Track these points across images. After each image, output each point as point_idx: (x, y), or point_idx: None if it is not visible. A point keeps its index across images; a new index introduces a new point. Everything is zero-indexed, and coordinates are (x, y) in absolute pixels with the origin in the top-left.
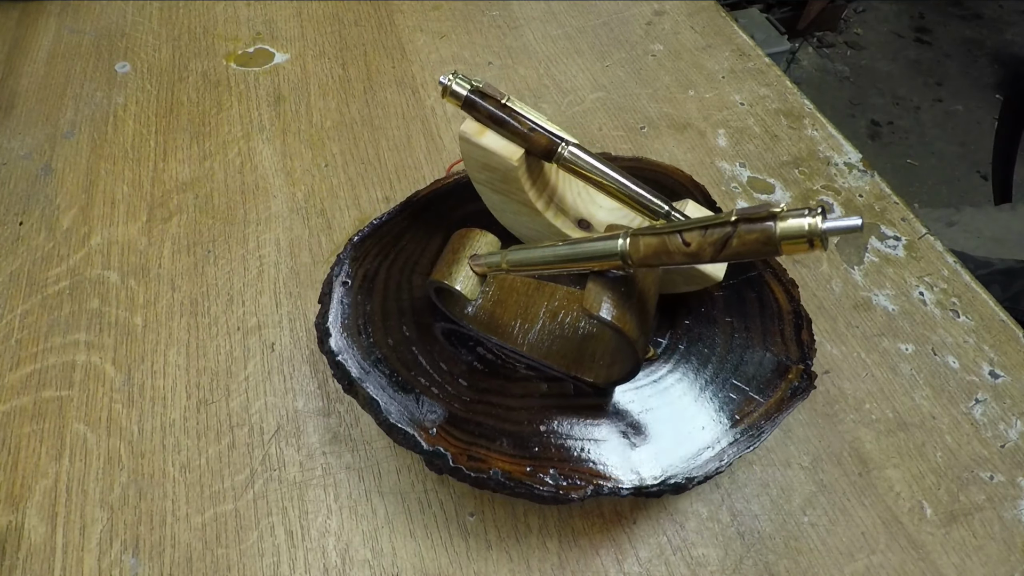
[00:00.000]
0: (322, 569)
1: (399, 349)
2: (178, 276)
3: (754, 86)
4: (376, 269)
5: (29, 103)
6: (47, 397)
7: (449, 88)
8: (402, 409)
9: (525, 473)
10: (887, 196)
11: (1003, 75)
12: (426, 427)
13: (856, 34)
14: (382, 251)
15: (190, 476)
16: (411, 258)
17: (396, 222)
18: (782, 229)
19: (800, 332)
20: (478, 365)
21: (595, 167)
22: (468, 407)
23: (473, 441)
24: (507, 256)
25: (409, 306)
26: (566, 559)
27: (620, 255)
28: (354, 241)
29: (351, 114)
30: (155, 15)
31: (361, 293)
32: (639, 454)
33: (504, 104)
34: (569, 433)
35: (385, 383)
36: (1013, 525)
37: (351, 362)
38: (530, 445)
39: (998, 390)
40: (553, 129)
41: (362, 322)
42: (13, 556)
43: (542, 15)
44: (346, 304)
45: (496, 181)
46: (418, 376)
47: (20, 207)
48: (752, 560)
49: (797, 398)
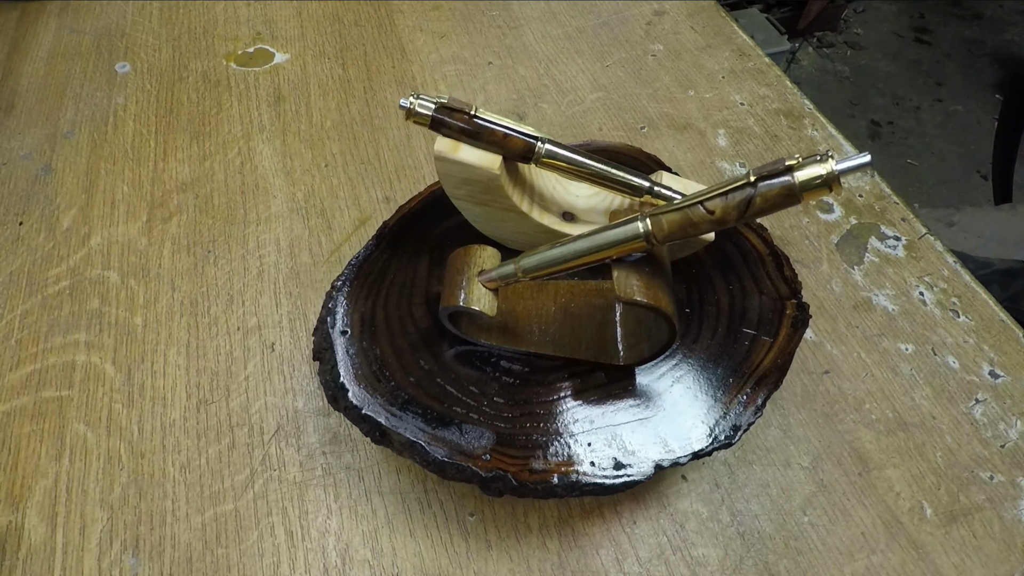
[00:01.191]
0: (322, 569)
1: (424, 384)
2: (178, 276)
3: (754, 86)
4: (372, 310)
5: (29, 103)
6: (47, 397)
7: (413, 110)
8: (447, 444)
9: (588, 470)
10: (887, 196)
11: (1003, 75)
12: (477, 455)
13: (856, 34)
14: (371, 290)
15: (190, 476)
16: (404, 290)
17: (376, 258)
18: (801, 179)
19: (783, 270)
20: (508, 379)
21: (574, 159)
22: (513, 422)
23: (530, 454)
24: (521, 264)
25: (419, 339)
26: (566, 559)
27: (644, 236)
28: (337, 286)
29: (351, 114)
30: (155, 15)
31: (364, 339)
32: (683, 421)
33: (474, 115)
34: (615, 419)
35: (421, 423)
36: (1013, 525)
37: (378, 411)
38: (583, 441)
39: (998, 390)
40: (525, 130)
41: (376, 367)
42: (13, 556)
43: (542, 15)
44: (353, 354)
45: (478, 193)
46: (452, 406)
47: (20, 207)
48: (752, 560)
49: (799, 331)
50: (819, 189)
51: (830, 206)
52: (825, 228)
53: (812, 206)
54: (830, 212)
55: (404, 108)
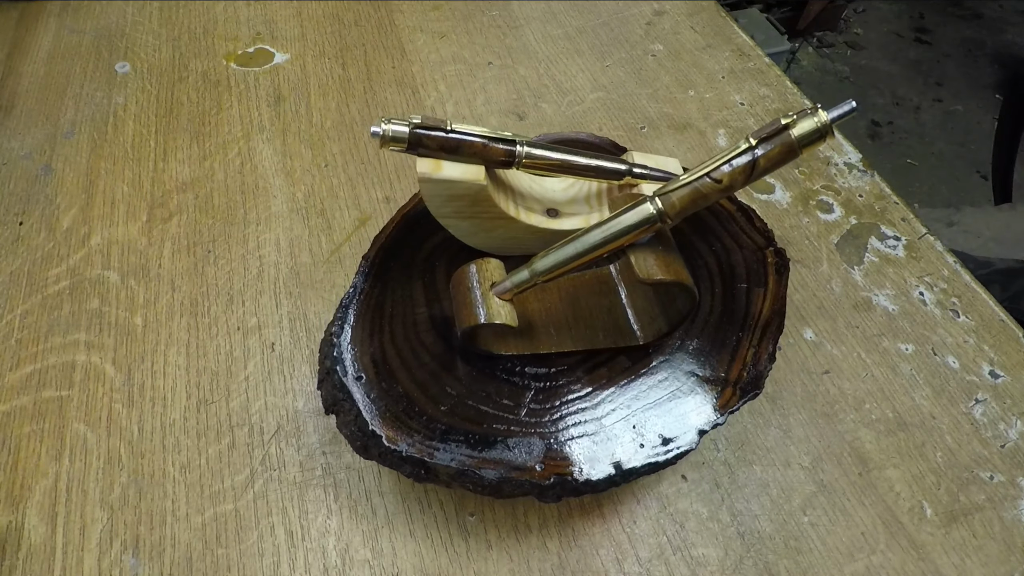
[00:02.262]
0: (322, 569)
1: (458, 410)
2: (178, 276)
3: (754, 86)
4: (381, 349)
5: (29, 103)
6: (47, 397)
7: (386, 136)
8: (498, 464)
9: (640, 452)
10: (887, 196)
11: (1003, 75)
12: (530, 467)
13: (856, 34)
14: (374, 329)
15: (190, 476)
16: (407, 321)
17: (367, 294)
18: (798, 135)
19: (754, 223)
20: (538, 383)
21: (554, 157)
22: (555, 424)
23: (581, 451)
24: (534, 267)
25: (438, 366)
26: (566, 559)
27: (658, 217)
28: (335, 331)
29: (351, 114)
30: (155, 15)
31: (383, 380)
32: (709, 382)
33: (450, 130)
34: (649, 398)
35: (465, 450)
36: (1013, 525)
37: (419, 450)
38: (627, 425)
39: (998, 390)
40: (502, 135)
41: (404, 406)
42: (13, 556)
43: (542, 15)
44: (375, 398)
45: (465, 207)
46: (492, 424)
47: (20, 207)
48: (752, 560)
49: (784, 275)
50: (815, 142)
51: (830, 206)
52: (825, 228)
53: (812, 206)
54: (830, 212)
55: (377, 136)
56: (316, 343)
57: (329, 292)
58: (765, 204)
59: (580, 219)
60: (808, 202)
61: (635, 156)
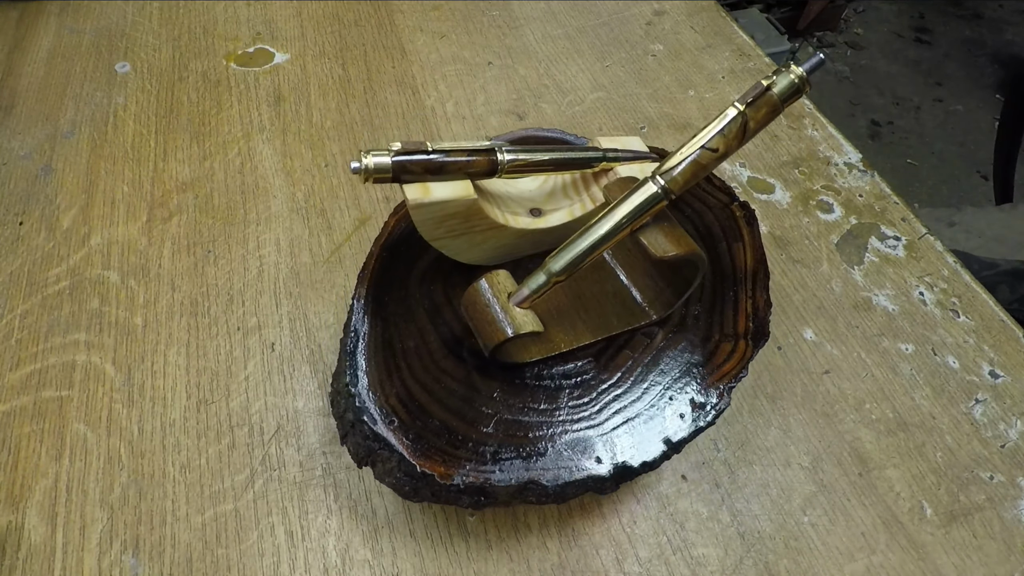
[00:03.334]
0: (322, 569)
1: (501, 427)
2: (178, 276)
3: None
4: (404, 387)
5: (29, 103)
6: (47, 397)
7: (368, 168)
8: (561, 468)
9: (684, 423)
10: (887, 196)
11: (1003, 75)
12: (587, 464)
13: (856, 34)
14: (391, 369)
15: (190, 476)
16: (421, 351)
17: (373, 336)
18: (779, 92)
19: (712, 181)
20: (569, 382)
21: (535, 158)
22: (598, 414)
23: (631, 432)
24: (549, 268)
25: (467, 390)
26: (566, 559)
27: (663, 194)
28: (349, 381)
29: (351, 114)
30: (155, 15)
31: (417, 418)
32: (724, 341)
33: (432, 150)
34: (674, 368)
35: (520, 464)
36: (1013, 525)
37: (475, 477)
38: (665, 398)
39: (998, 390)
40: (481, 145)
41: (446, 439)
42: (13, 556)
43: (542, 15)
44: (413, 438)
45: (458, 225)
46: (538, 432)
47: (20, 207)
48: (752, 560)
49: (754, 224)
50: (794, 96)
51: (830, 206)
52: (825, 228)
53: (812, 206)
54: (830, 212)
55: (358, 171)
56: (316, 343)
57: (329, 292)
58: (765, 204)
59: (564, 212)
60: (808, 202)
61: (601, 141)
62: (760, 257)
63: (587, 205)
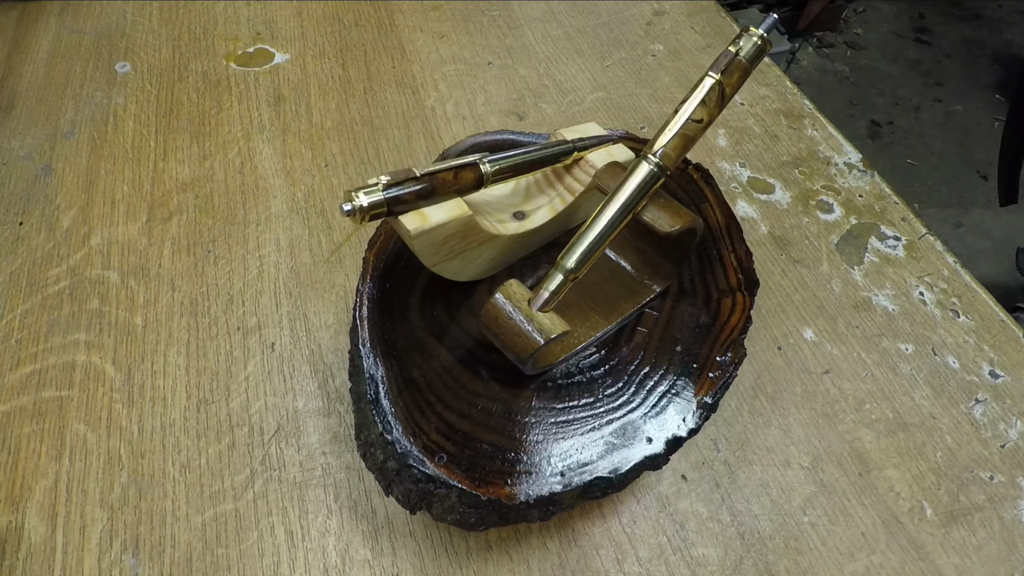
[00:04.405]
0: (322, 569)
1: (550, 433)
2: (178, 276)
3: (754, 86)
4: (443, 420)
5: (29, 103)
6: (47, 397)
7: (362, 206)
8: (617, 457)
9: (711, 379)
10: (887, 196)
11: (1003, 75)
12: (640, 445)
13: (856, 34)
14: (422, 407)
15: (190, 476)
16: (447, 380)
17: (390, 378)
18: (746, 56)
19: None
20: (598, 372)
21: (516, 163)
22: (636, 395)
23: (673, 407)
24: (564, 266)
25: (503, 405)
26: (566, 559)
27: (660, 171)
28: (379, 432)
29: (351, 114)
30: (155, 15)
31: (466, 448)
32: (723, 297)
33: (420, 175)
34: (686, 333)
35: (580, 463)
36: (1013, 525)
37: (542, 488)
38: (687, 366)
39: (998, 390)
40: (464, 160)
41: (501, 461)
42: (13, 556)
43: (542, 15)
44: (468, 468)
45: (456, 244)
46: (587, 427)
47: (20, 207)
48: (752, 560)
49: (711, 183)
50: (759, 56)
51: (830, 206)
52: (825, 228)
53: (812, 206)
54: (830, 212)
55: (351, 213)
56: (316, 343)
57: (329, 292)
58: (765, 204)
59: (545, 209)
60: (808, 202)
61: (564, 133)
62: (727, 212)
63: (565, 197)
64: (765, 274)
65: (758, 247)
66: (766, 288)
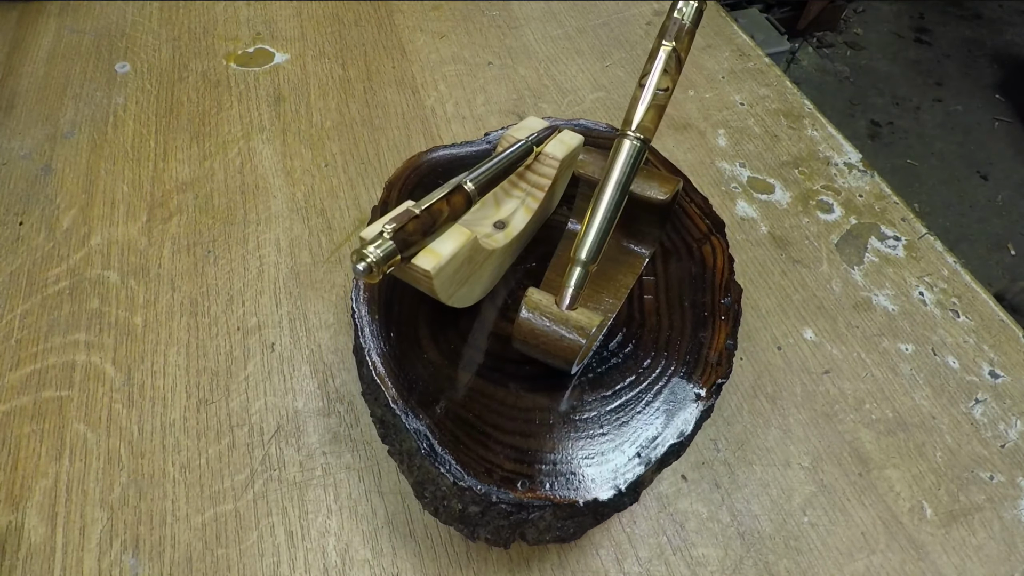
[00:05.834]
0: (322, 569)
1: (611, 421)
2: (178, 276)
3: (754, 86)
4: (507, 446)
5: (29, 103)
6: (47, 397)
7: (377, 261)
8: (681, 421)
9: (725, 319)
10: (887, 196)
11: (1003, 75)
12: (693, 401)
13: (856, 34)
14: (479, 441)
15: (190, 476)
16: (492, 404)
17: (432, 423)
18: (690, 20)
19: (596, 127)
20: (628, 349)
21: (494, 174)
22: (676, 353)
23: (696, 356)
24: (579, 258)
25: (559, 415)
26: (566, 559)
27: (643, 144)
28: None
29: (351, 114)
30: (155, 15)
31: (530, 468)
32: (710, 238)
33: (418, 214)
34: (700, 288)
35: (654, 441)
36: (1013, 525)
37: (629, 472)
38: (699, 311)
39: (998, 390)
40: (449, 187)
41: (576, 464)
42: (13, 556)
43: (542, 15)
44: (551, 486)
45: (464, 269)
46: (637, 405)
47: (20, 207)
48: (752, 560)
49: (655, 155)
50: (699, 18)
51: (830, 206)
52: (825, 228)
53: (812, 206)
54: (830, 212)
55: (368, 271)
56: (316, 343)
57: (329, 292)
58: (765, 204)
59: (521, 211)
60: (808, 202)
61: (513, 134)
62: (671, 167)
63: (535, 193)
64: (765, 274)
65: (758, 247)
66: (766, 288)
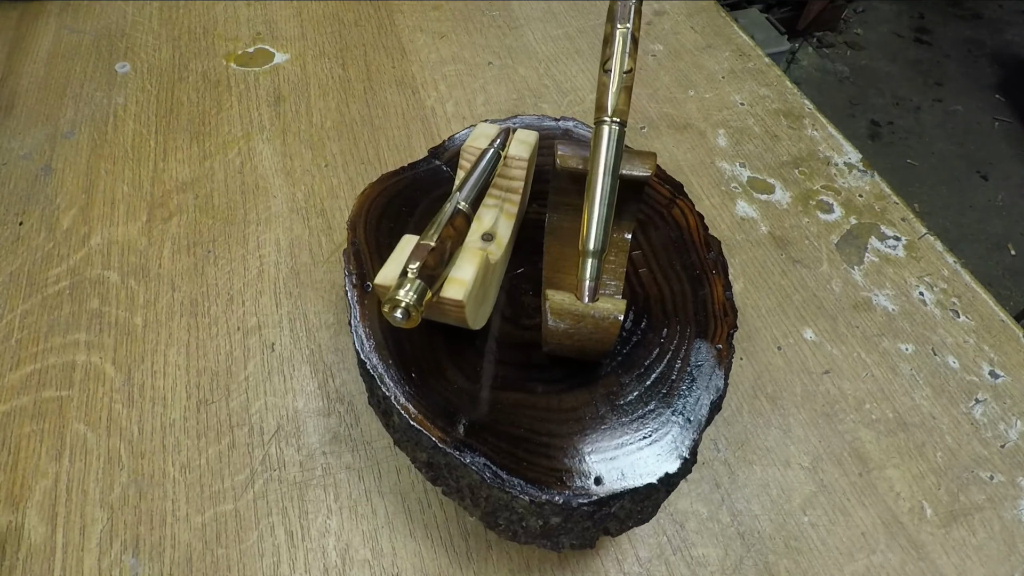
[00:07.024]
0: (322, 569)
1: (651, 396)
2: (178, 276)
3: (754, 86)
4: (559, 460)
5: (29, 103)
6: (47, 397)
7: (413, 302)
8: (715, 377)
9: (717, 274)
10: (887, 196)
11: (1003, 75)
12: (716, 361)
13: (856, 34)
14: (533, 463)
15: (190, 476)
16: (524, 407)
17: (495, 454)
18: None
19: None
20: (644, 325)
21: (479, 189)
22: (687, 327)
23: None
24: (589, 250)
25: (587, 404)
26: (566, 559)
27: (620, 127)
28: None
29: (351, 114)
30: (155, 15)
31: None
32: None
33: (435, 246)
34: (668, 245)
35: (700, 385)
36: (1013, 525)
37: (686, 437)
38: (692, 271)
39: (998, 390)
40: (448, 213)
41: (615, 447)
42: (13, 556)
43: (542, 15)
44: (618, 470)
45: (480, 289)
46: (667, 369)
47: (20, 207)
48: (752, 560)
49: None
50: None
51: (830, 206)
52: (825, 228)
53: (812, 206)
54: (830, 212)
55: (407, 315)
56: (316, 343)
57: (329, 292)
58: (765, 204)
59: (503, 218)
60: (808, 202)
61: (474, 142)
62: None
63: (511, 198)
64: (765, 274)
65: (758, 247)
66: (766, 288)
